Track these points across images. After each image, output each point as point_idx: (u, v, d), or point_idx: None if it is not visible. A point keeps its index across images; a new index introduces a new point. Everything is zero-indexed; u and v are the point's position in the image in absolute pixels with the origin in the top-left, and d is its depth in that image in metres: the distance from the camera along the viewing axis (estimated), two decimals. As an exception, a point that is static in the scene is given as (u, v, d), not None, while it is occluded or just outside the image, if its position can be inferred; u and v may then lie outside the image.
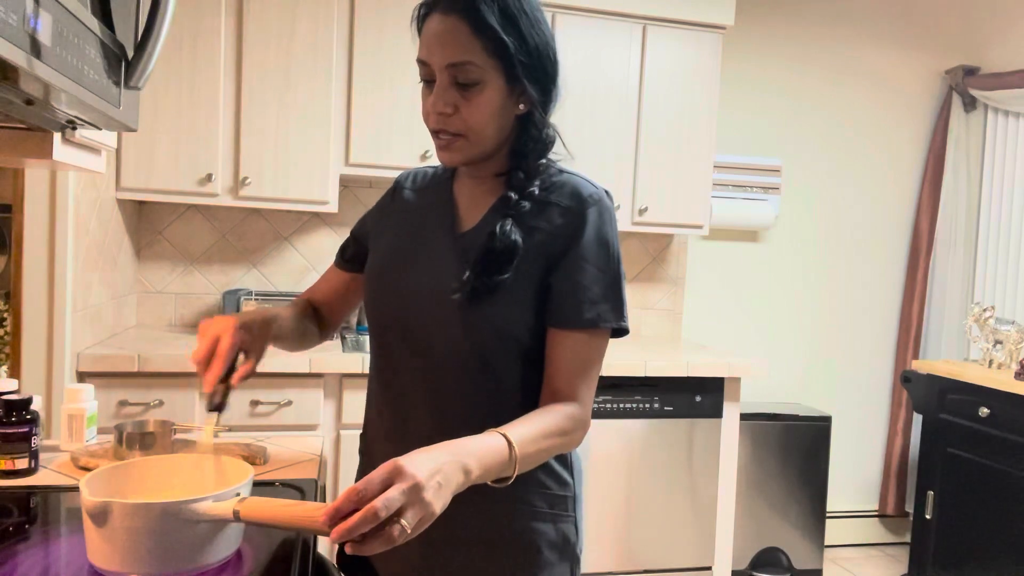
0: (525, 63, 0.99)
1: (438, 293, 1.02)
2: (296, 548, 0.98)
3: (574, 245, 1.01)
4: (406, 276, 1.06)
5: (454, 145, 1.00)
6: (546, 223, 1.02)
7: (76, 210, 2.06)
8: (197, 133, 2.46)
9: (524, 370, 1.03)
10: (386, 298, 1.08)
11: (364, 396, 1.15)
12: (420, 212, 1.13)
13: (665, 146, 2.88)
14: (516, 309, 1.00)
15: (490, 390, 1.02)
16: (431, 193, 1.14)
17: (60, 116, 0.96)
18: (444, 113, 0.98)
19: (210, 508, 0.85)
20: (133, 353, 2.18)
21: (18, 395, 1.23)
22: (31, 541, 0.98)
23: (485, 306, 0.99)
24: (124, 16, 0.95)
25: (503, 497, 0.95)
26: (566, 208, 1.03)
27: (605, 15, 2.78)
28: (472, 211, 1.08)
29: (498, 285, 0.99)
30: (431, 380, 1.03)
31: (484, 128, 1.00)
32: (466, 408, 1.02)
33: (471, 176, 1.10)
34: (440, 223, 1.09)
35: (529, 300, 1.01)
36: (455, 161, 1.03)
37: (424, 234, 1.09)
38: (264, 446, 1.41)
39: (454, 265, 1.03)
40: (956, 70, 3.44)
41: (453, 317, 1.00)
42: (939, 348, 3.51)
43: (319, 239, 2.93)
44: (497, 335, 1.00)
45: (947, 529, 2.89)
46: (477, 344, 1.00)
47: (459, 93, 0.98)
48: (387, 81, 2.60)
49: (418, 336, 1.04)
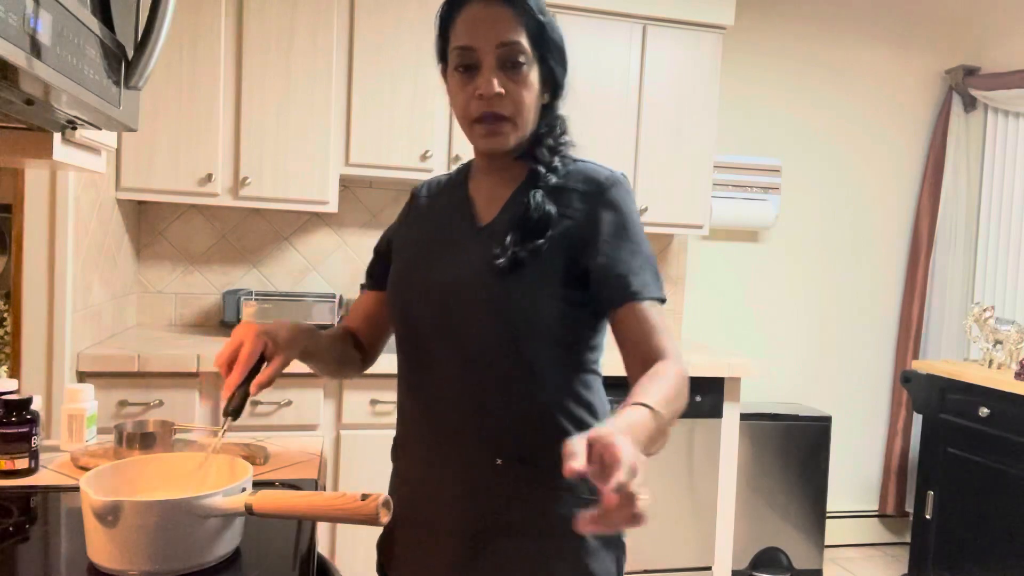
0: (553, 52, 1.05)
1: (465, 283, 1.02)
2: (297, 545, 0.98)
3: (601, 226, 1.01)
4: (430, 273, 1.06)
5: (502, 129, 1.01)
6: (566, 209, 1.03)
7: (76, 210, 2.06)
8: (197, 133, 2.46)
9: (558, 358, 1.02)
10: (411, 297, 1.07)
11: (364, 396, 1.16)
12: (438, 214, 1.14)
13: (665, 146, 2.88)
14: (545, 294, 1.00)
15: (525, 379, 1.01)
16: (446, 196, 1.15)
17: (60, 116, 0.96)
18: (496, 95, 0.99)
19: (221, 503, 0.86)
20: (133, 353, 2.18)
21: (18, 395, 1.23)
22: (31, 541, 0.98)
23: (514, 291, 0.99)
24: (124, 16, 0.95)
25: (550, 485, 0.97)
26: (584, 192, 1.04)
27: (605, 15, 2.78)
28: (491, 206, 1.08)
29: (536, 251, 0.99)
30: (465, 372, 1.02)
31: (529, 111, 1.02)
32: (503, 399, 1.01)
33: (489, 172, 1.10)
34: (460, 220, 1.09)
35: (556, 286, 1.00)
36: (502, 146, 1.03)
37: (444, 233, 1.10)
38: (264, 446, 1.41)
39: (478, 254, 1.02)
40: (956, 70, 3.44)
41: (483, 306, 1.00)
42: (939, 348, 3.51)
43: (319, 239, 2.93)
44: (528, 321, 0.99)
45: (947, 529, 2.89)
46: (510, 331, 1.00)
47: (506, 76, 1.00)
48: (387, 81, 2.60)
49: (448, 329, 1.03)
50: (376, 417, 2.38)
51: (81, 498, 0.85)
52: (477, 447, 1.02)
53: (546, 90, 1.07)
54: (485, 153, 1.08)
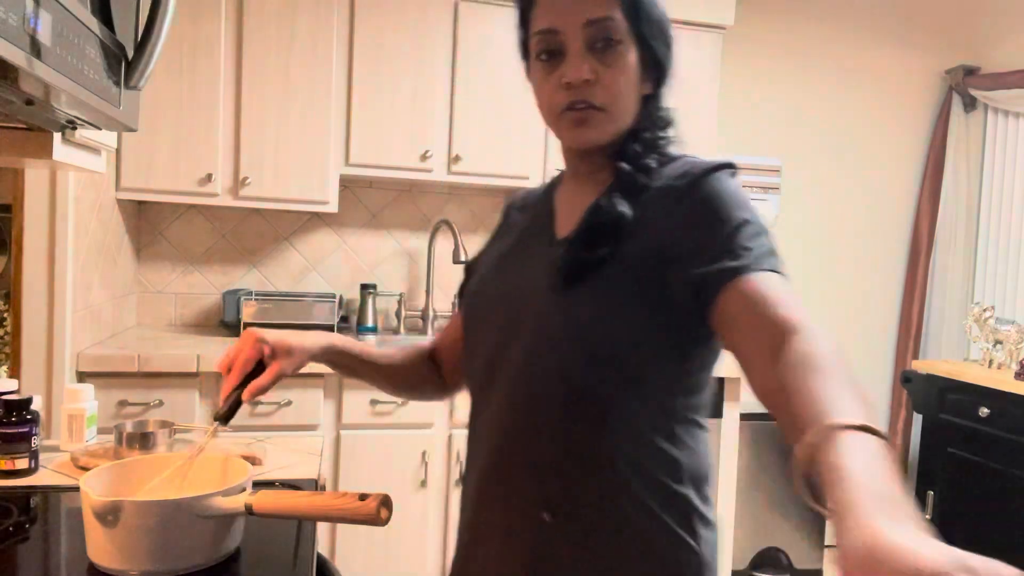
0: (653, 30, 0.90)
1: (523, 300, 0.89)
2: (297, 545, 0.98)
3: (693, 227, 0.82)
4: (495, 290, 0.95)
5: (592, 119, 0.87)
6: (652, 212, 0.85)
7: (76, 210, 2.06)
8: (197, 133, 2.46)
9: (631, 397, 0.83)
10: (475, 318, 0.97)
11: (364, 396, 1.15)
12: (521, 228, 1.02)
13: (665, 146, 2.88)
14: (614, 313, 0.83)
15: (583, 419, 0.83)
16: (532, 209, 1.03)
17: (60, 116, 0.96)
18: (586, 81, 0.85)
19: (221, 503, 0.86)
20: (133, 353, 2.18)
21: (18, 395, 1.23)
22: (31, 541, 0.98)
23: (572, 308, 0.84)
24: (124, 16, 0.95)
25: (603, 553, 0.83)
26: (676, 190, 0.85)
27: (605, 15, 2.77)
28: (572, 215, 0.93)
29: (599, 262, 0.83)
30: (516, 404, 0.88)
31: (625, 99, 0.88)
32: (555, 441, 0.85)
33: (577, 177, 0.97)
34: (538, 234, 0.96)
35: (632, 304, 0.82)
36: (590, 139, 0.89)
37: (521, 248, 0.98)
38: (264, 446, 1.41)
39: (543, 268, 0.88)
40: (956, 70, 3.44)
41: (536, 325, 0.86)
42: (939, 348, 3.50)
43: (319, 239, 2.93)
44: (588, 346, 0.83)
45: (947, 529, 2.88)
46: (565, 356, 0.84)
47: (597, 59, 0.86)
48: (387, 81, 2.60)
49: (504, 353, 0.89)
50: (376, 417, 2.38)
51: (81, 498, 0.85)
52: (522, 497, 0.86)
53: (647, 77, 0.91)
54: (574, 150, 0.94)
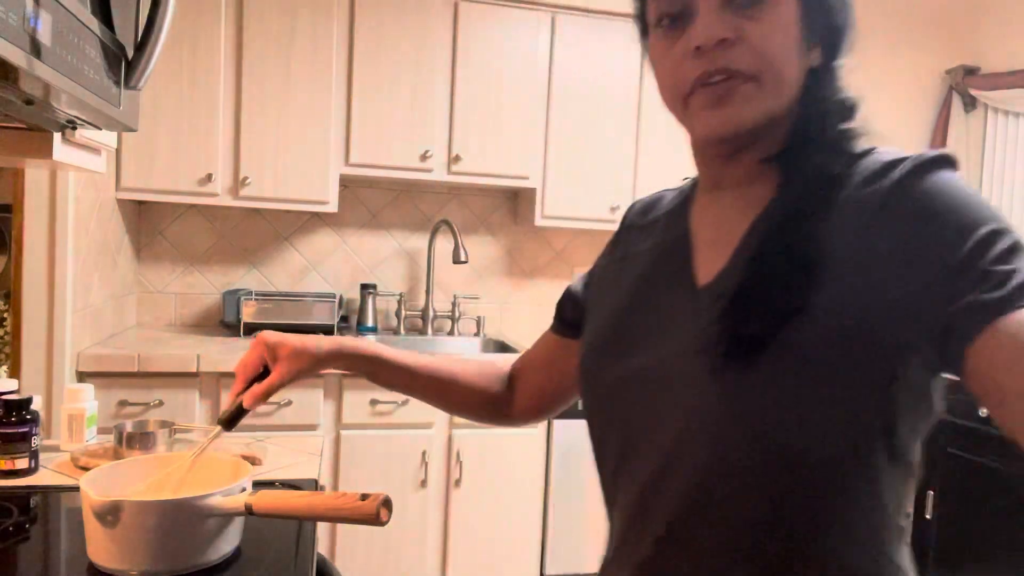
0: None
1: (664, 382, 0.65)
2: (297, 545, 0.98)
3: (912, 239, 0.57)
4: (620, 359, 0.70)
5: (738, 92, 0.62)
6: (851, 238, 0.59)
7: (76, 210, 2.06)
8: (197, 133, 2.46)
9: (833, 519, 0.60)
10: (596, 390, 0.74)
11: (364, 396, 1.13)
12: (646, 260, 0.75)
13: (665, 146, 2.88)
14: (809, 407, 0.57)
15: (764, 549, 0.60)
16: (661, 230, 0.77)
17: (60, 116, 0.96)
18: (724, 41, 0.61)
19: (221, 503, 0.86)
20: (133, 353, 2.18)
21: (18, 395, 1.23)
22: (31, 541, 0.98)
23: (745, 400, 0.59)
24: (124, 16, 0.95)
25: None
26: (876, 206, 0.59)
27: (605, 15, 2.78)
28: (717, 249, 0.68)
29: (775, 329, 0.57)
30: (657, 516, 0.65)
31: (783, 65, 0.63)
32: (716, 554, 0.62)
33: (718, 189, 0.71)
34: (673, 273, 0.71)
35: (835, 389, 0.57)
36: (736, 122, 0.63)
37: (650, 291, 0.72)
38: (264, 446, 1.41)
39: (689, 335, 0.65)
40: (956, 70, 3.44)
41: (689, 421, 0.63)
42: (939, 348, 3.50)
43: (319, 239, 2.93)
44: (771, 453, 0.59)
45: (947, 529, 2.89)
46: (734, 466, 0.60)
47: (739, 13, 0.62)
48: (387, 81, 2.60)
49: (636, 447, 0.68)
50: (376, 417, 2.38)
51: (81, 498, 0.85)
52: None
53: (813, 42, 0.65)
54: (714, 146, 0.69)
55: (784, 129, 0.66)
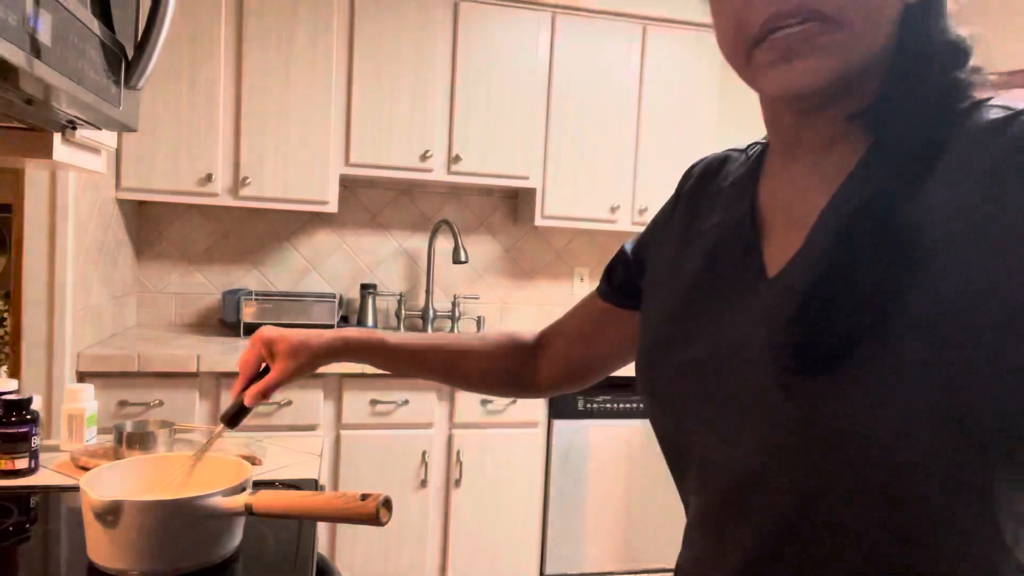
0: None
1: (734, 385, 0.56)
2: (297, 545, 0.98)
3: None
4: (684, 354, 0.61)
5: (818, 41, 0.51)
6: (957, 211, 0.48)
7: (76, 210, 2.06)
8: (197, 133, 2.46)
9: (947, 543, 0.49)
10: (658, 395, 0.65)
11: (364, 396, 1.13)
12: (708, 240, 0.65)
13: (665, 146, 2.88)
14: (912, 416, 0.46)
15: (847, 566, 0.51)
16: (725, 203, 0.66)
17: (60, 116, 0.96)
18: None
19: (221, 503, 0.86)
20: (133, 353, 2.18)
21: (18, 395, 1.23)
22: (31, 541, 0.98)
23: (831, 409, 0.49)
24: (124, 16, 0.95)
25: None
26: (987, 169, 0.48)
27: (605, 15, 2.78)
28: (790, 229, 0.57)
29: (866, 329, 0.47)
30: (736, 538, 0.57)
31: (873, 6, 0.51)
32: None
33: (791, 157, 0.60)
34: (738, 254, 0.61)
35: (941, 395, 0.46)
36: (816, 77, 0.51)
37: (711, 282, 0.63)
38: (264, 446, 1.41)
39: (760, 330, 0.55)
40: (956, 70, 3.44)
41: (763, 431, 0.53)
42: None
43: (319, 239, 2.93)
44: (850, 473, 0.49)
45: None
46: (820, 484, 0.51)
47: None
48: (387, 81, 2.60)
49: (708, 460, 0.60)
50: (376, 417, 2.38)
51: (81, 498, 0.85)
52: None
53: None
54: (787, 104, 0.57)
55: (877, 78, 0.53)
